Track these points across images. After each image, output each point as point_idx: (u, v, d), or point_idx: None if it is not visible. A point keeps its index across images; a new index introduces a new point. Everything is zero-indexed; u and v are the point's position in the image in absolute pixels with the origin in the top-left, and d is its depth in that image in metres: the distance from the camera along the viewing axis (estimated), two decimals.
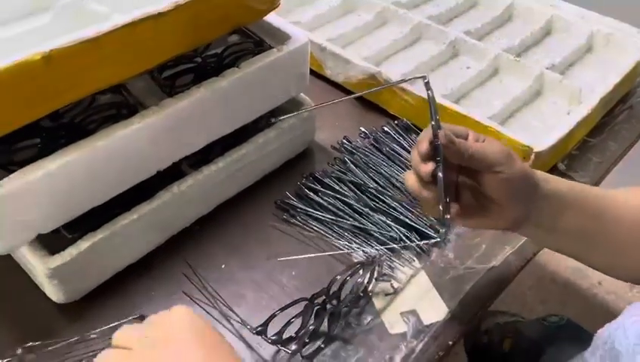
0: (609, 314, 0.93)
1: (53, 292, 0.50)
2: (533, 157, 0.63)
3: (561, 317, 0.74)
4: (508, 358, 0.77)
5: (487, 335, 0.86)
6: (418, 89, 0.70)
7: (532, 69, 0.76)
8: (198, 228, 0.60)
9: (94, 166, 0.47)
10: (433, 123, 0.43)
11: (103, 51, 0.44)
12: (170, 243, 0.58)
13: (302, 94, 0.67)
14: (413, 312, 0.53)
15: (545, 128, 0.70)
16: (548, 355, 0.67)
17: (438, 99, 0.69)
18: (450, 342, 0.51)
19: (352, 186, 0.64)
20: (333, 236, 0.60)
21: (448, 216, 0.44)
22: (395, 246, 0.58)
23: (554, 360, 0.66)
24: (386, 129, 0.71)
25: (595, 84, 0.73)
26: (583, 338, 0.66)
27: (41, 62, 0.40)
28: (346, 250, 0.58)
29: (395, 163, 0.67)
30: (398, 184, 0.64)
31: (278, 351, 0.49)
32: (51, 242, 0.50)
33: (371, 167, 0.66)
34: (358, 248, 0.58)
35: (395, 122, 0.72)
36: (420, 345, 0.50)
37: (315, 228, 0.61)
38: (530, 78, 0.75)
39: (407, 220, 0.60)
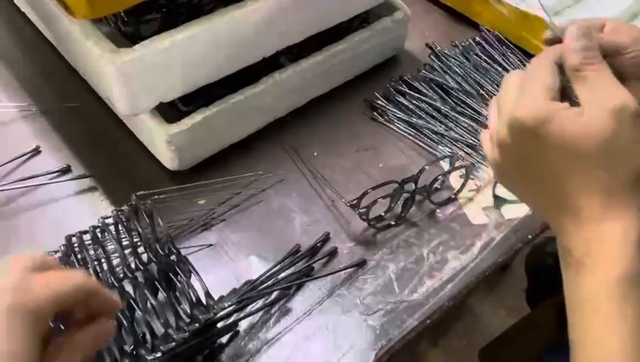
0: None
1: (169, 159, 0.55)
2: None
3: None
4: None
5: (552, 257, 0.87)
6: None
7: None
8: (291, 119, 0.64)
9: (211, 42, 0.51)
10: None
11: None
12: (268, 130, 0.62)
13: None
14: (495, 208, 0.56)
15: None
16: None
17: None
18: (530, 236, 0.54)
19: (439, 91, 0.66)
20: (419, 136, 0.62)
21: None
22: (479, 148, 0.60)
23: None
24: (477, 39, 0.71)
25: None
26: None
27: None
28: (431, 149, 0.61)
29: (482, 73, 0.68)
30: (484, 93, 0.66)
31: (367, 227, 0.54)
32: (167, 115, 0.55)
33: (460, 75, 0.67)
34: (443, 148, 0.61)
35: (486, 33, 0.72)
36: (501, 235, 0.53)
37: (402, 128, 0.63)
38: None
39: None
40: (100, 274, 0.43)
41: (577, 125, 0.32)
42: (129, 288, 0.43)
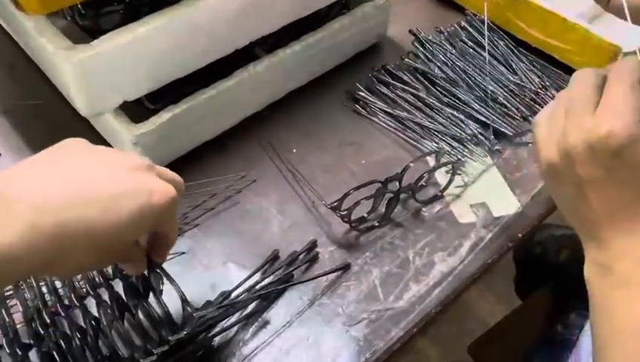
0: None
1: None
2: (621, 57, 0.60)
3: None
4: (562, 269, 0.78)
5: (540, 247, 0.86)
6: None
7: None
8: (269, 113, 0.60)
9: (178, 34, 0.47)
10: None
11: None
12: (243, 126, 0.58)
13: None
14: (483, 205, 0.53)
15: (635, 28, 0.66)
16: None
17: None
18: (520, 235, 0.51)
19: (424, 80, 0.63)
20: (403, 130, 0.59)
21: None
22: (466, 141, 0.57)
23: None
24: (463, 24, 0.68)
25: None
26: None
27: None
28: (416, 143, 0.58)
29: (468, 60, 0.65)
30: (470, 82, 0.62)
31: (349, 229, 0.51)
32: (134, 114, 0.51)
33: (445, 63, 0.64)
34: (429, 142, 0.58)
35: (472, 17, 0.69)
36: (490, 235, 0.51)
37: (385, 121, 0.60)
38: None
39: (480, 117, 0.59)
40: (58, 291, 0.40)
41: None
42: (92, 307, 0.40)
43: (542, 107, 0.61)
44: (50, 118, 0.59)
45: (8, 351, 0.37)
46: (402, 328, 0.44)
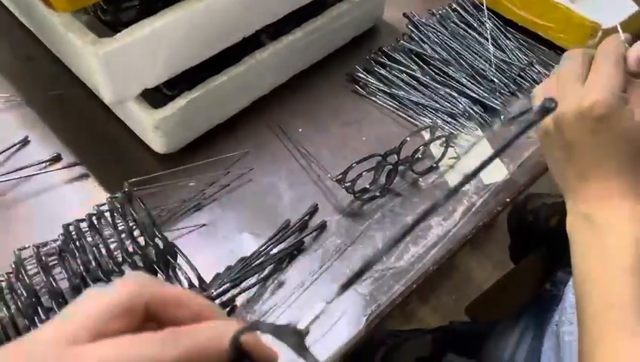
0: None
1: (157, 143, 0.56)
2: (600, 34, 0.64)
3: None
4: (553, 234, 0.83)
5: (532, 214, 0.91)
6: None
7: None
8: (274, 96, 0.65)
9: (192, 25, 0.52)
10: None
11: None
12: (252, 108, 0.63)
13: None
14: (475, 173, 0.58)
15: (614, 6, 0.70)
16: None
17: None
18: (508, 199, 0.56)
19: (418, 61, 0.67)
20: (400, 108, 0.64)
21: None
22: (458, 116, 0.62)
23: None
24: (454, 6, 0.72)
25: None
26: None
27: None
28: (412, 119, 0.63)
29: (460, 41, 0.69)
30: (461, 61, 0.67)
31: (353, 200, 0.56)
32: (153, 100, 0.56)
33: (438, 43, 0.68)
34: (424, 118, 0.63)
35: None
36: (480, 201, 0.56)
37: (383, 100, 0.65)
38: None
39: (471, 93, 0.64)
40: (99, 260, 0.45)
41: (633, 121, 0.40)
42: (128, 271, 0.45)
43: (528, 82, 0.66)
44: (71, 107, 0.63)
45: None
46: (403, 284, 0.50)
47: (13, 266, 0.45)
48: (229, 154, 0.59)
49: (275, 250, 0.51)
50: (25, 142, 0.60)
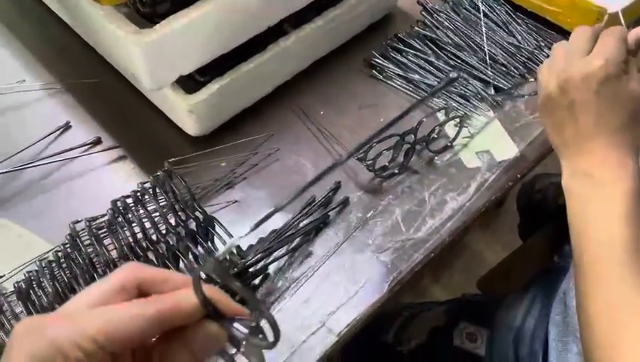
0: None
1: (190, 126, 0.61)
2: (606, 18, 0.67)
3: None
4: (561, 211, 0.86)
5: (540, 193, 0.95)
6: None
7: None
8: (297, 82, 0.68)
9: (224, 17, 0.55)
10: None
11: None
12: (276, 94, 0.67)
13: None
14: (487, 151, 0.62)
15: None
16: None
17: None
18: (519, 175, 0.60)
19: (432, 46, 0.71)
20: (415, 90, 0.68)
21: None
22: (470, 98, 0.66)
23: None
24: None
25: None
26: None
27: None
28: (428, 102, 0.67)
29: (472, 26, 0.72)
30: (474, 45, 0.70)
31: (374, 177, 0.60)
32: (185, 86, 0.60)
33: (451, 29, 0.72)
34: (438, 100, 0.66)
35: None
36: (493, 176, 0.60)
37: (399, 83, 0.69)
38: None
39: (483, 76, 0.67)
40: (145, 232, 0.49)
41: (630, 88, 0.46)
42: (172, 242, 0.49)
43: (537, 65, 0.70)
44: (107, 94, 0.68)
45: None
46: (421, 253, 0.54)
47: (69, 238, 0.50)
48: (255, 136, 0.63)
49: (302, 224, 0.55)
50: (67, 126, 0.64)
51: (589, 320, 0.42)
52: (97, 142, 0.63)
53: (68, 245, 0.50)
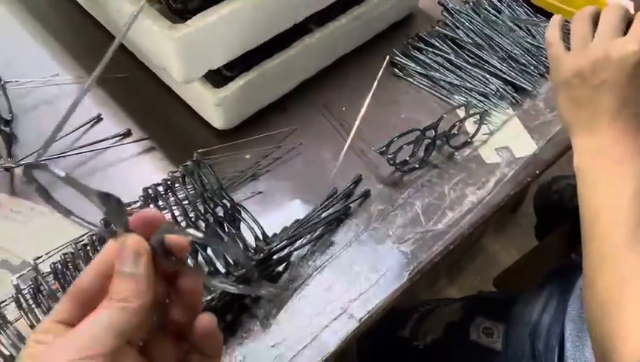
0: None
1: (217, 120, 0.63)
2: None
3: None
4: (577, 212, 0.87)
5: (557, 194, 0.95)
6: None
7: None
8: (320, 78, 0.70)
9: (252, 13, 0.57)
10: None
11: None
12: (300, 89, 0.69)
13: None
14: (506, 148, 0.63)
15: None
16: None
17: None
18: (537, 171, 0.61)
19: (453, 45, 0.72)
20: (436, 88, 0.69)
21: None
22: (490, 96, 0.67)
23: None
24: None
25: None
26: None
27: None
28: (448, 98, 0.68)
29: (492, 27, 0.74)
30: (493, 45, 0.72)
31: (394, 171, 0.61)
32: (212, 81, 0.62)
33: (471, 29, 0.73)
34: (458, 97, 0.68)
35: None
36: (512, 172, 0.61)
37: (420, 81, 0.70)
38: None
39: (503, 74, 0.69)
40: (176, 218, 0.51)
41: None
42: (202, 228, 0.51)
43: None
44: (137, 88, 0.70)
45: None
46: (441, 245, 0.55)
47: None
48: (279, 130, 0.65)
49: (324, 214, 0.57)
50: (98, 118, 0.67)
51: (596, 292, 0.43)
52: (128, 133, 0.65)
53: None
